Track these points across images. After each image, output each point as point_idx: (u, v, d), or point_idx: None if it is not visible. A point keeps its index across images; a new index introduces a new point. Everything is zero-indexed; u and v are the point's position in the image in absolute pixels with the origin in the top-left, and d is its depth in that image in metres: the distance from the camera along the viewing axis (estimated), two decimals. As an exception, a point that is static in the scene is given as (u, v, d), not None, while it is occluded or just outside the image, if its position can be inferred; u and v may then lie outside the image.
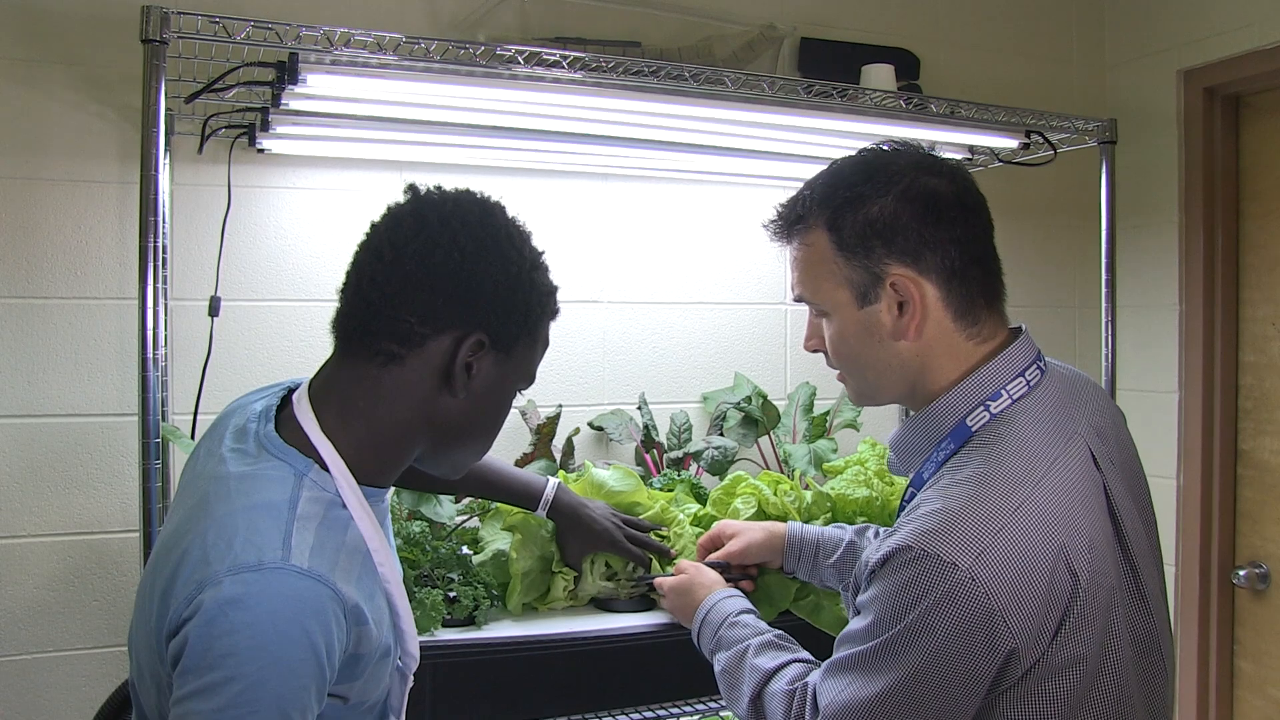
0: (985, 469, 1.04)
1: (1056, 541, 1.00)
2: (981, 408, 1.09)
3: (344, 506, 1.02)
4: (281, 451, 1.02)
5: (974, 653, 0.97)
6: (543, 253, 1.12)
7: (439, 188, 1.09)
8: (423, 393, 1.04)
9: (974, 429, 1.09)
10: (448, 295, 1.03)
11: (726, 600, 1.38)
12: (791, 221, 1.16)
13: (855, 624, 1.07)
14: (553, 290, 1.12)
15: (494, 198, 1.10)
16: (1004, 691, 1.01)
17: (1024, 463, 1.04)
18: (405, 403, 1.04)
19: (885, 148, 1.15)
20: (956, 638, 0.97)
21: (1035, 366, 1.12)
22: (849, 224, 1.10)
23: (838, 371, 1.21)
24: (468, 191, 1.10)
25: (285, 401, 1.09)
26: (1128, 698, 1.05)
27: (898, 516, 1.16)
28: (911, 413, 1.19)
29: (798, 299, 1.19)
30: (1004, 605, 0.96)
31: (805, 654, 1.24)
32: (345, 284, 1.07)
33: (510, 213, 1.10)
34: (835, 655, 1.09)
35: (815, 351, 1.22)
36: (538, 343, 1.12)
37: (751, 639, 1.27)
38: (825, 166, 1.18)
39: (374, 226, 1.07)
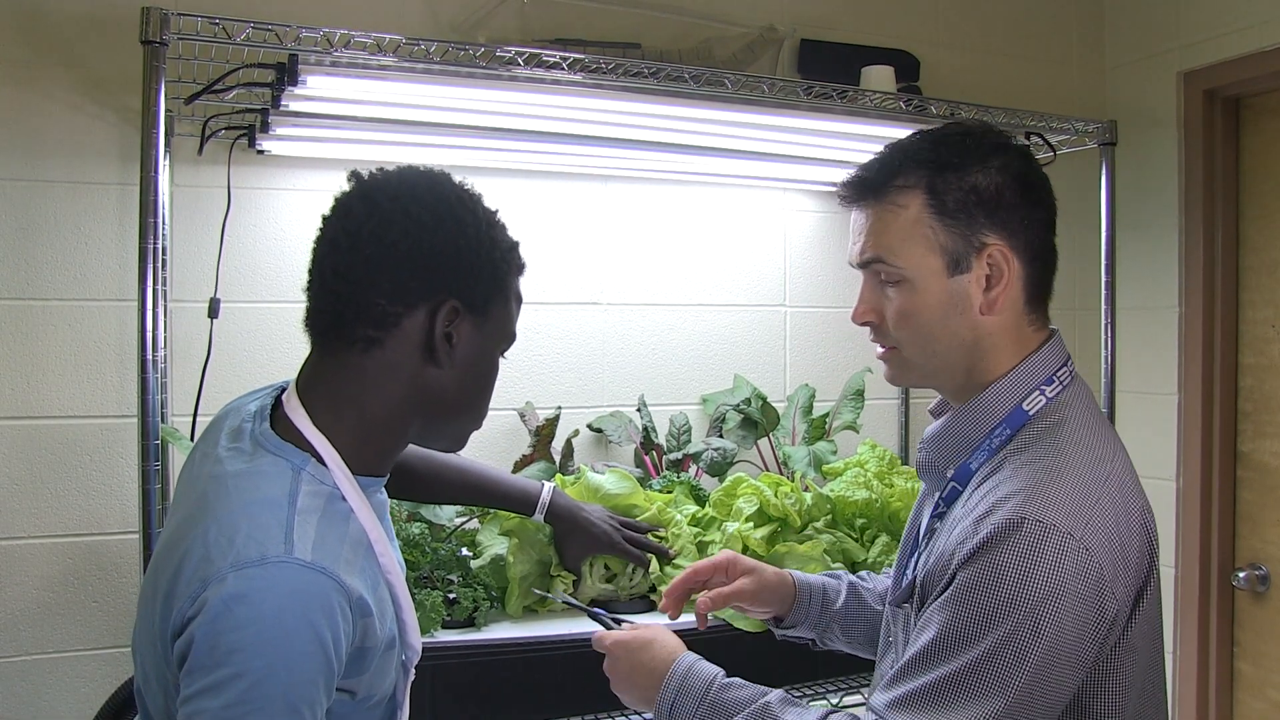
0: (1063, 445, 1.04)
1: (1137, 513, 1.02)
2: (1037, 392, 1.08)
3: (344, 499, 1.02)
4: (278, 448, 1.01)
5: (1088, 623, 0.96)
6: (497, 211, 1.11)
7: (381, 169, 1.09)
8: (409, 371, 1.04)
9: (1031, 413, 1.08)
10: (411, 269, 1.02)
11: (703, 663, 1.15)
12: (882, 181, 1.10)
13: (941, 628, 0.97)
14: (514, 245, 1.12)
15: (438, 168, 1.10)
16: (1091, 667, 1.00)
17: (1097, 440, 1.06)
18: (393, 384, 1.04)
19: (966, 127, 1.13)
20: (1078, 609, 0.94)
21: (1069, 360, 1.14)
22: (952, 189, 1.07)
23: (881, 350, 1.16)
24: (411, 167, 1.09)
25: (279, 401, 1.09)
26: (1159, 685, 1.06)
27: (931, 513, 1.13)
28: (931, 406, 1.21)
29: (868, 261, 1.12)
30: (1111, 574, 0.97)
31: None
32: (309, 282, 1.06)
33: (457, 178, 1.10)
34: (916, 674, 0.97)
35: (865, 324, 1.15)
36: (511, 299, 1.11)
37: (767, 698, 1.08)
38: (899, 140, 1.13)
39: (325, 219, 1.07)
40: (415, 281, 1.03)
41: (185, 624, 0.91)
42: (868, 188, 1.12)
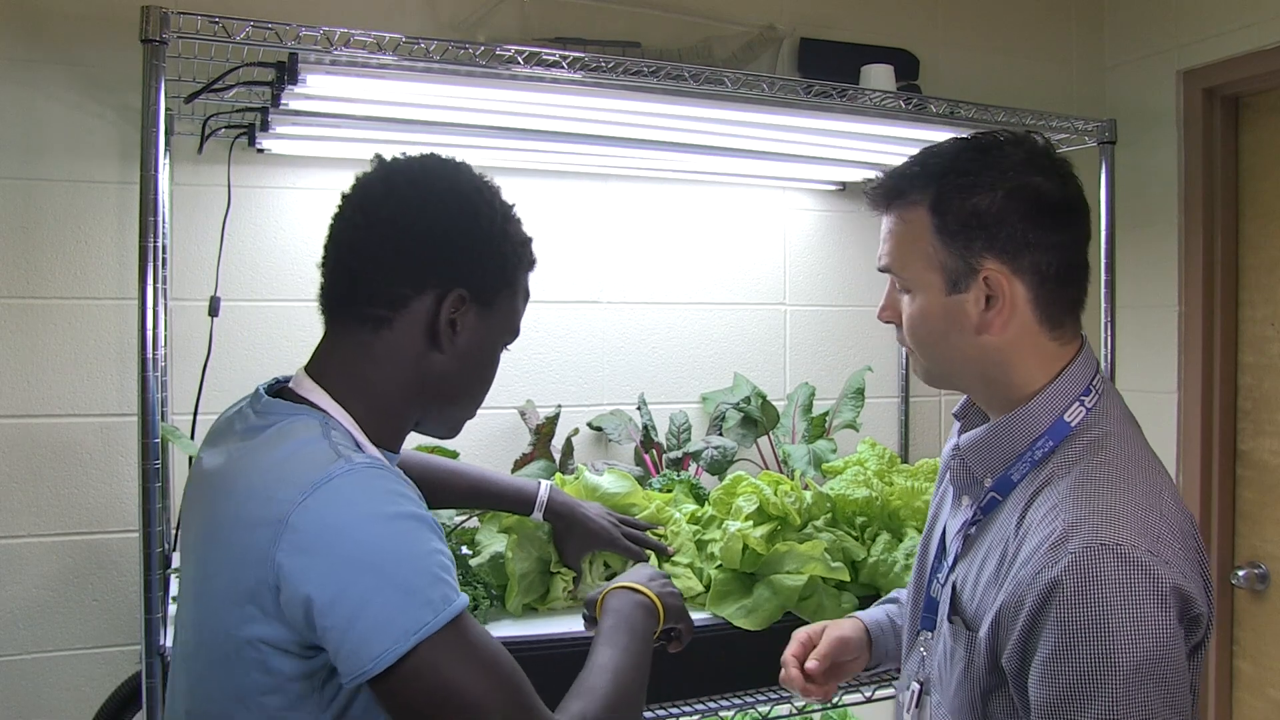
0: (1116, 459, 1.03)
1: (1189, 519, 1.02)
2: (1077, 403, 1.07)
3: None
4: (293, 410, 1.04)
5: (1180, 643, 0.94)
6: (513, 205, 1.14)
7: (405, 154, 1.11)
8: (414, 353, 1.07)
9: (1073, 425, 1.07)
10: (424, 254, 1.05)
11: None
12: (895, 193, 1.12)
13: (1060, 687, 0.93)
14: (527, 240, 1.15)
15: (459, 158, 1.13)
16: None
17: (1142, 449, 1.06)
18: (400, 365, 1.07)
19: (1001, 137, 1.10)
20: (1173, 632, 0.93)
21: (1100, 368, 1.13)
22: (954, 210, 1.06)
23: (906, 349, 1.18)
24: (433, 155, 1.12)
25: (279, 390, 1.10)
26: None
27: (968, 520, 1.12)
28: (955, 408, 1.20)
29: (883, 269, 1.15)
30: (1192, 590, 0.95)
31: None
32: (324, 258, 1.09)
33: (477, 170, 1.13)
34: None
35: (888, 323, 1.17)
36: (518, 294, 1.14)
37: None
38: (932, 145, 1.13)
39: (345, 197, 1.09)
40: (427, 266, 1.05)
41: (278, 572, 0.90)
42: (884, 197, 1.13)
